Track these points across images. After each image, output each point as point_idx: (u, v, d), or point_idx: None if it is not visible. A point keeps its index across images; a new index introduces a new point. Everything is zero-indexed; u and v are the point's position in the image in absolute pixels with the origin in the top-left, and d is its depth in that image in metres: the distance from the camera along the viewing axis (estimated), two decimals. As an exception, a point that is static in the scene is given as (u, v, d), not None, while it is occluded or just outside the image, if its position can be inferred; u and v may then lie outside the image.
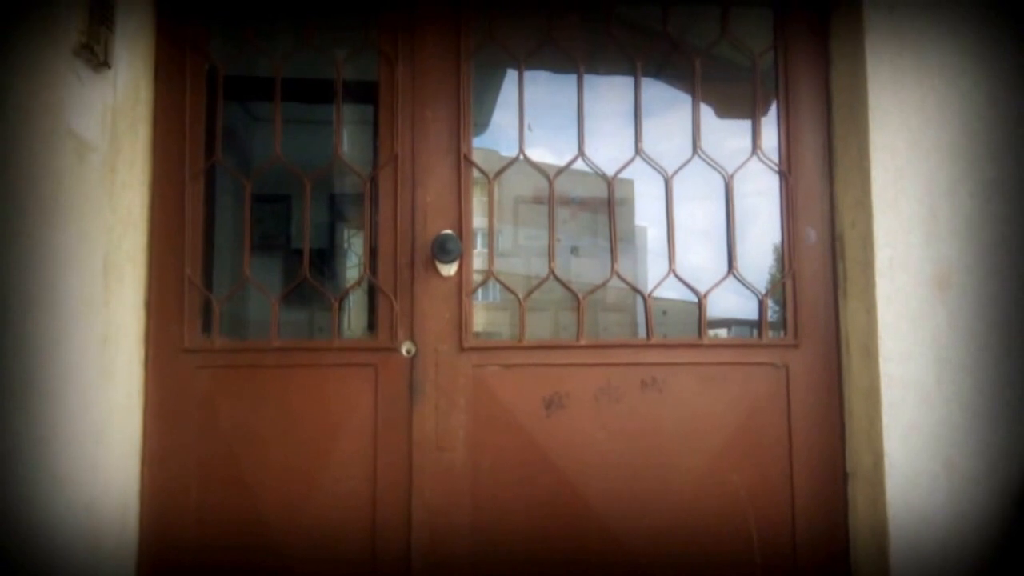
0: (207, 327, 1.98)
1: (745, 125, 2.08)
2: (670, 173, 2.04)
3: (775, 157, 2.05)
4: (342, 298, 2.03)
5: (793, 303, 2.00)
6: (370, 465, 1.93)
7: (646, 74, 2.08)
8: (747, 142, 2.06)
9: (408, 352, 1.95)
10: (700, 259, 2.16)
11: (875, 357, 1.85)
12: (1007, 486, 1.81)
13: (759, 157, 2.05)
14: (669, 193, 2.04)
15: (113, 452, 1.81)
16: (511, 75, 2.09)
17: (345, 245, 2.93)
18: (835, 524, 1.95)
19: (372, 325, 2.04)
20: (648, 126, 2.06)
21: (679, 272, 2.02)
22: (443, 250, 1.92)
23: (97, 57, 1.64)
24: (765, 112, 2.07)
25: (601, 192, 2.05)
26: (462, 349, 1.95)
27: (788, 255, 2.02)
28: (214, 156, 2.02)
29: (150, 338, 1.94)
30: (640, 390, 1.96)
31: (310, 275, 2.01)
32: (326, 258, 2.96)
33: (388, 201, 1.99)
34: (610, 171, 2.04)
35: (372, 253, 2.03)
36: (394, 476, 1.92)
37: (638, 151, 2.04)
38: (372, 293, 2.07)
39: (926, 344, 1.84)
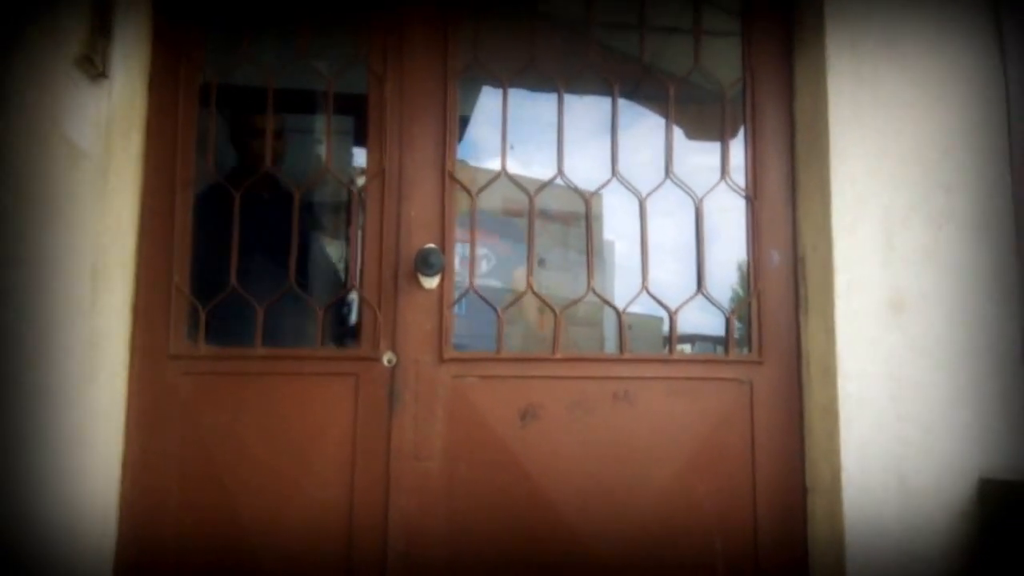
0: (193, 333, 2.01)
1: (715, 148, 2.17)
2: (644, 195, 2.13)
3: (742, 182, 2.15)
4: (327, 308, 2.08)
5: (757, 321, 2.08)
6: (349, 472, 1.95)
7: (623, 95, 2.16)
8: (717, 163, 2.15)
9: (389, 362, 1.99)
10: (670, 275, 2.25)
11: (833, 375, 1.92)
12: (956, 501, 1.89)
13: (727, 183, 2.15)
14: (643, 214, 2.12)
15: (95, 456, 1.83)
16: (486, 90, 2.17)
17: (337, 260, 2.97)
18: (795, 535, 2.01)
19: (355, 335, 2.10)
20: (625, 142, 2.13)
21: (651, 288, 2.09)
22: (426, 263, 1.97)
23: (96, 67, 1.69)
24: (734, 135, 2.17)
25: (571, 205, 2.14)
26: (442, 360, 2.00)
27: (753, 276, 2.11)
28: (205, 166, 2.06)
29: (135, 343, 1.96)
30: (612, 403, 2.03)
31: (296, 284, 2.05)
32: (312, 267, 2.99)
33: (374, 214, 2.05)
34: (586, 188, 2.11)
35: (358, 265, 2.08)
36: (372, 483, 1.95)
37: (614, 173, 2.12)
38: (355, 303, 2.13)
39: (881, 364, 1.92)
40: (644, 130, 2.26)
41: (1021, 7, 2.03)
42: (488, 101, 2.11)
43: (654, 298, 2.10)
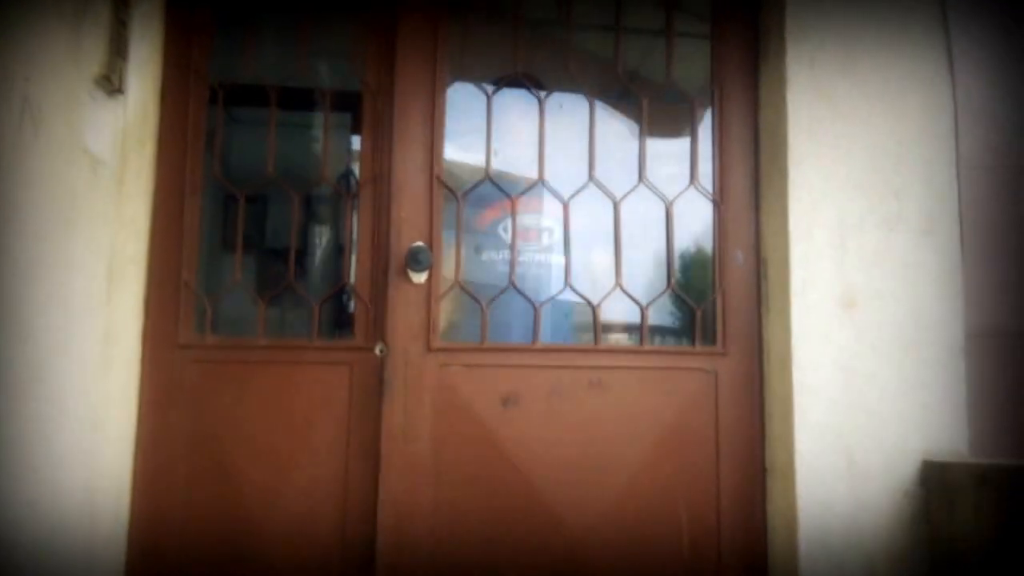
0: (201, 325, 2.14)
1: (686, 150, 2.32)
2: (618, 198, 2.28)
3: (710, 187, 2.29)
4: (323, 301, 2.21)
5: (722, 316, 2.21)
6: (343, 453, 2.07)
7: (613, 98, 2.28)
8: (687, 167, 2.30)
9: (380, 352, 2.12)
10: (644, 269, 2.39)
11: (789, 366, 2.05)
12: (901, 481, 2.02)
13: (696, 188, 2.29)
14: (617, 215, 2.27)
15: (109, 439, 1.95)
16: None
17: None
18: (755, 513, 2.13)
19: (349, 326, 2.26)
20: (615, 141, 2.25)
21: (626, 284, 2.23)
22: (415, 260, 2.10)
23: (112, 84, 1.84)
24: (704, 140, 2.30)
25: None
26: (429, 350, 2.12)
27: (719, 274, 2.25)
28: (212, 172, 2.20)
29: (147, 334, 2.08)
30: (587, 389, 2.15)
31: (294, 279, 2.19)
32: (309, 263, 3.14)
33: (367, 215, 2.18)
34: (567, 188, 2.25)
35: (352, 261, 2.22)
36: (364, 465, 2.06)
37: (591, 178, 2.28)
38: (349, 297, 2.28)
39: (833, 356, 2.04)
40: (625, 132, 2.38)
41: (969, 24, 2.18)
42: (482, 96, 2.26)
43: (627, 294, 2.25)
